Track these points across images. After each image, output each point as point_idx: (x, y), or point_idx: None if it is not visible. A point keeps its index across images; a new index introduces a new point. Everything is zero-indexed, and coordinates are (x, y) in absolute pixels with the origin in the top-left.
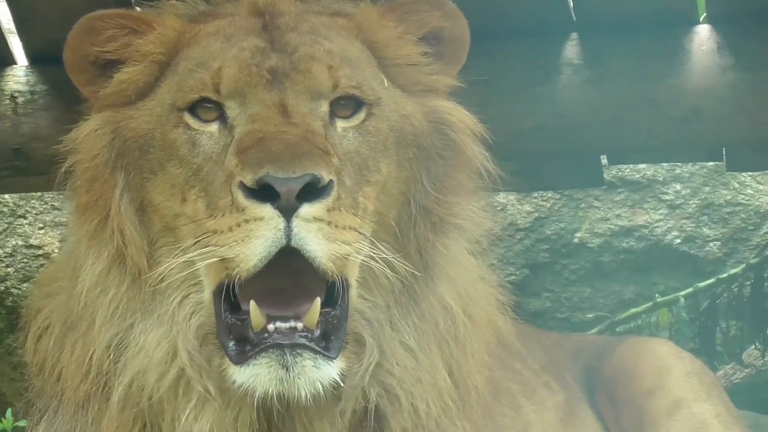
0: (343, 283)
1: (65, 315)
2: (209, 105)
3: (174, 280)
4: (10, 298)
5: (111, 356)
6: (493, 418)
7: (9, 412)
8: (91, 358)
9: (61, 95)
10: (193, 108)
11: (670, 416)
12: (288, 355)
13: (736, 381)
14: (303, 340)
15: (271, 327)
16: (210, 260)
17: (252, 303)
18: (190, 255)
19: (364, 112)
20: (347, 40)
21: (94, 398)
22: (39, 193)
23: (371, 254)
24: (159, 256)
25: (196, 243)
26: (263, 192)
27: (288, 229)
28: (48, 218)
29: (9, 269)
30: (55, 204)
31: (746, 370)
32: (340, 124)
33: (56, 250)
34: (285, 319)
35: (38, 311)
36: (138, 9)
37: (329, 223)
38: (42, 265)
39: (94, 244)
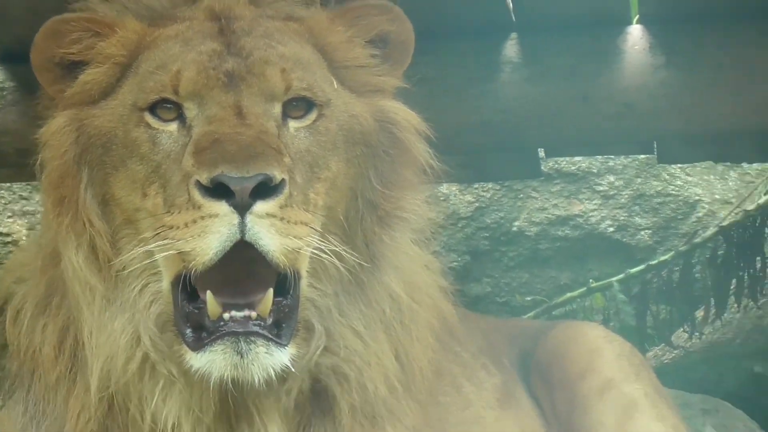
0: (295, 274)
1: (35, 299)
2: (169, 105)
3: (135, 269)
4: None
5: (87, 339)
6: (436, 397)
7: None
8: (62, 341)
9: (29, 92)
10: (154, 108)
11: (600, 397)
12: (242, 343)
13: (665, 362)
14: (256, 328)
15: (226, 316)
16: (167, 252)
17: (209, 293)
18: (149, 246)
19: (315, 113)
20: (299, 43)
21: (63, 380)
22: (8, 184)
23: (321, 247)
24: (121, 246)
25: (155, 235)
26: (218, 190)
27: (242, 225)
28: (16, 207)
29: None
30: (23, 194)
31: (675, 351)
32: (293, 124)
33: (24, 238)
34: (239, 308)
35: (11, 295)
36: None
37: (281, 219)
38: (10, 252)
39: (72, 236)
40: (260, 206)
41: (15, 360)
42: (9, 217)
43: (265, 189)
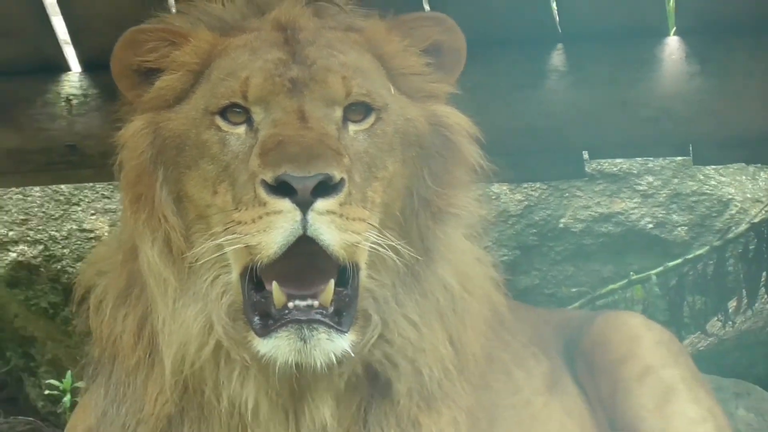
0: (354, 266)
1: (116, 291)
2: (238, 110)
3: (206, 262)
4: (66, 276)
5: (161, 327)
6: (488, 382)
7: (69, 374)
8: (141, 328)
9: (111, 98)
10: (224, 112)
11: (640, 381)
12: (305, 330)
13: (701, 348)
14: (318, 316)
15: (291, 304)
16: (236, 246)
17: (274, 283)
18: (220, 240)
19: (373, 117)
20: (359, 52)
21: (142, 365)
22: (91, 184)
23: (378, 242)
24: (193, 240)
25: (224, 230)
26: (282, 188)
27: (304, 221)
28: (99, 206)
29: (65, 250)
30: (105, 193)
31: (710, 339)
32: (352, 127)
33: (106, 234)
34: (303, 298)
35: (93, 287)
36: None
37: (341, 215)
38: (93, 247)
39: (148, 231)
40: (321, 204)
41: (97, 347)
42: (92, 214)
43: (326, 187)
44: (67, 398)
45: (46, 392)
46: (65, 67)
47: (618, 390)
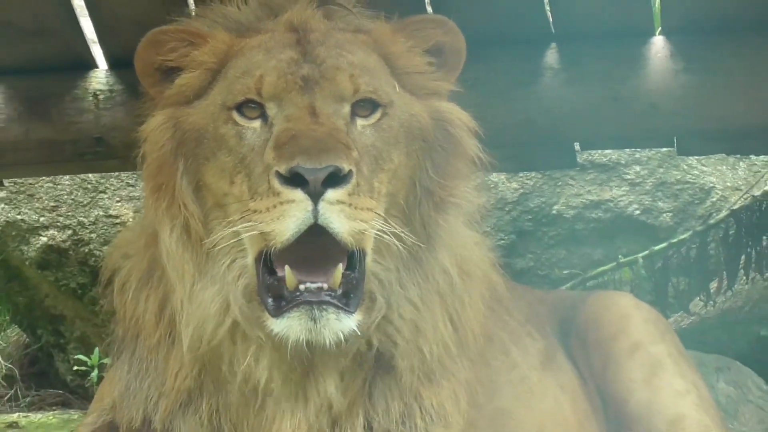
0: (361, 252)
1: (139, 273)
2: (253, 105)
3: (224, 247)
4: (93, 259)
5: (179, 308)
6: (487, 359)
7: (96, 351)
8: (162, 309)
9: (135, 94)
10: (240, 107)
11: (630, 356)
12: (315, 310)
13: (684, 326)
14: (328, 298)
15: (302, 287)
16: (251, 233)
17: (287, 267)
18: (236, 227)
19: (379, 112)
20: (366, 52)
21: (163, 342)
22: (116, 173)
23: (384, 229)
24: (212, 228)
25: (241, 218)
26: (295, 180)
27: (315, 210)
28: (124, 193)
29: (92, 235)
30: (130, 182)
31: (692, 318)
32: (360, 122)
33: (130, 219)
34: (313, 281)
35: (118, 269)
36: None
37: (349, 204)
38: (119, 232)
39: (167, 218)
40: (331, 194)
41: (121, 326)
42: (117, 201)
43: (335, 178)
44: (94, 373)
45: (74, 367)
46: (93, 65)
47: (609, 364)
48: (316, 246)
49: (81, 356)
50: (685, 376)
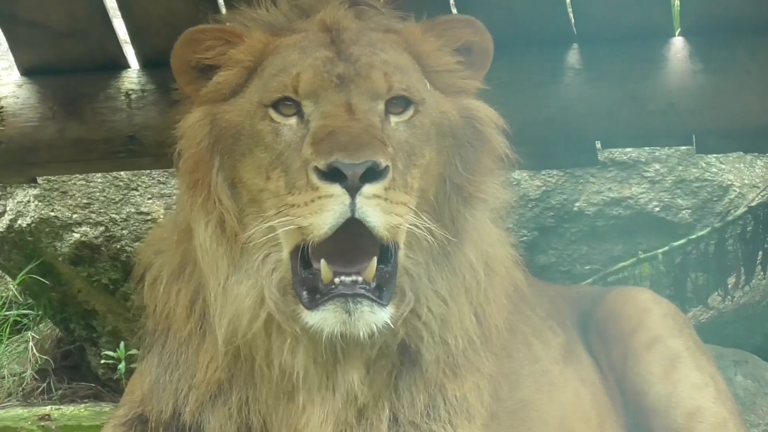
0: (395, 246)
1: (171, 268)
2: (289, 103)
3: (259, 242)
4: (124, 255)
5: (213, 302)
6: (510, 352)
7: (122, 345)
8: (193, 303)
9: (166, 93)
10: (276, 105)
11: (649, 350)
12: (350, 303)
13: (702, 320)
14: (362, 291)
15: (337, 280)
16: (288, 227)
17: (323, 261)
18: (273, 222)
19: (412, 110)
20: (398, 51)
21: (194, 336)
22: (148, 171)
23: (416, 223)
24: (246, 223)
25: (277, 213)
26: (333, 174)
27: (353, 204)
28: (155, 191)
29: (124, 231)
30: (161, 179)
31: (711, 312)
32: (393, 119)
33: (161, 216)
34: (348, 274)
35: (150, 265)
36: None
37: (385, 199)
38: (150, 228)
39: (203, 214)
40: (368, 188)
41: (151, 320)
42: (149, 198)
43: (373, 173)
44: (122, 365)
45: (102, 361)
46: (125, 65)
47: (628, 358)
48: (350, 240)
49: (109, 352)
50: (703, 370)
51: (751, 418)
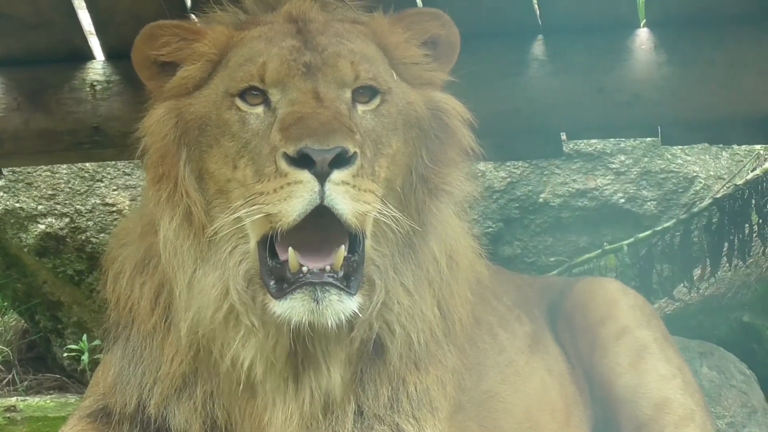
0: (362, 234)
1: (134, 261)
2: (255, 92)
3: (226, 234)
4: (89, 246)
5: (178, 295)
6: (475, 343)
7: (84, 337)
8: (158, 296)
9: (131, 84)
10: (243, 94)
11: (617, 341)
12: (318, 291)
13: (668, 312)
14: (330, 279)
15: (305, 268)
16: (257, 216)
17: (290, 249)
18: (240, 213)
19: (378, 99)
20: (365, 42)
21: (159, 329)
22: (113, 162)
23: (384, 212)
24: (214, 215)
25: (245, 203)
26: (302, 160)
27: (321, 191)
28: (120, 182)
29: (89, 222)
30: (126, 170)
31: (676, 304)
32: (360, 108)
33: (127, 208)
34: (316, 263)
35: (115, 258)
36: (193, 16)
37: (354, 186)
38: (115, 220)
39: (168, 207)
40: (337, 174)
41: (114, 313)
42: (114, 190)
43: (341, 160)
44: (85, 357)
45: (65, 354)
46: (90, 56)
47: (596, 348)
48: (317, 229)
49: (72, 345)
50: (671, 361)
51: (716, 409)
